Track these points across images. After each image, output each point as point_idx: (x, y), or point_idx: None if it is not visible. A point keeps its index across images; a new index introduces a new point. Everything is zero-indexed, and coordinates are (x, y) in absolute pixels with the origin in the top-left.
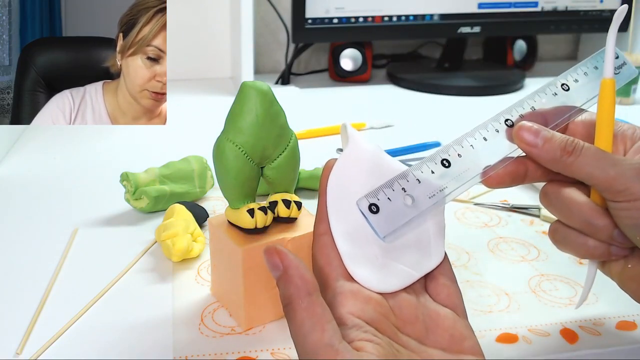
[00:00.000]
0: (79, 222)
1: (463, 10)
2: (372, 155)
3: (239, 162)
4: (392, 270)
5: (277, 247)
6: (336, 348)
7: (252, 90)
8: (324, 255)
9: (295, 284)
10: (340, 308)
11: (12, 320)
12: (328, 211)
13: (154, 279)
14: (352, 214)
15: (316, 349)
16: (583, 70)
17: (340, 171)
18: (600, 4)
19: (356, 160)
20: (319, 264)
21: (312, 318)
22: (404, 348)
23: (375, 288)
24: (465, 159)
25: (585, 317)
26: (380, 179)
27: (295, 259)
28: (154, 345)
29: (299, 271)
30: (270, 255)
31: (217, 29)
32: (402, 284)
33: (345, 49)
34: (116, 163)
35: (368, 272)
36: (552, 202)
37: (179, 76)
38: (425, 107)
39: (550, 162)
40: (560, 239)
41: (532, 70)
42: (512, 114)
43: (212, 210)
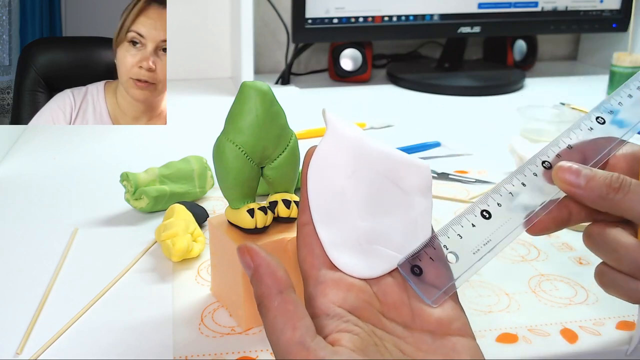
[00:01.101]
0: (79, 222)
1: (463, 10)
2: (354, 141)
3: (239, 162)
4: (376, 254)
5: (249, 246)
6: (307, 346)
7: (252, 90)
8: (306, 245)
9: (265, 282)
10: (321, 298)
11: (12, 320)
12: (309, 200)
13: (154, 279)
14: (332, 202)
15: (288, 347)
16: (627, 92)
17: (320, 159)
18: (600, 4)
19: (336, 146)
20: (302, 255)
21: (283, 316)
22: (389, 334)
23: (358, 274)
24: (505, 208)
25: (585, 317)
26: (364, 164)
27: (267, 256)
28: (154, 345)
29: (270, 269)
30: (242, 254)
31: (217, 29)
32: (387, 269)
33: (345, 49)
34: (116, 163)
35: (351, 258)
36: (598, 245)
37: (179, 76)
38: (425, 107)
39: (595, 201)
40: (608, 283)
41: (532, 70)
42: (548, 154)
43: (212, 210)
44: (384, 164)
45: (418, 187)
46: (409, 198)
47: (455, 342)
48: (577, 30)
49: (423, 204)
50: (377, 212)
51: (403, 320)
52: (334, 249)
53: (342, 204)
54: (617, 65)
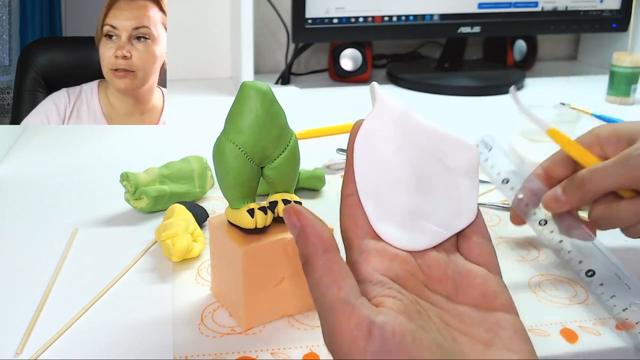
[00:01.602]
0: (79, 222)
1: (463, 10)
2: (402, 116)
3: (239, 162)
4: (421, 229)
5: (295, 206)
6: (353, 303)
7: (252, 90)
8: (350, 215)
9: (312, 242)
10: (365, 265)
11: (12, 320)
12: (355, 172)
13: (154, 279)
14: (378, 175)
15: (333, 305)
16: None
17: (368, 132)
18: (600, 4)
19: (384, 120)
20: (345, 224)
21: (329, 275)
22: (432, 305)
23: (402, 246)
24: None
25: (585, 317)
26: (411, 140)
27: (313, 217)
28: (154, 345)
29: (316, 229)
30: (289, 215)
31: (217, 29)
32: (431, 243)
33: (345, 49)
34: (116, 163)
35: (395, 230)
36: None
37: (179, 76)
38: (425, 107)
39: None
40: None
41: (532, 70)
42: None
43: (212, 210)
44: (431, 141)
45: (465, 167)
46: (455, 176)
47: (499, 317)
48: (577, 30)
49: (468, 184)
50: (423, 188)
51: (447, 293)
52: (378, 220)
53: (388, 177)
54: (617, 65)
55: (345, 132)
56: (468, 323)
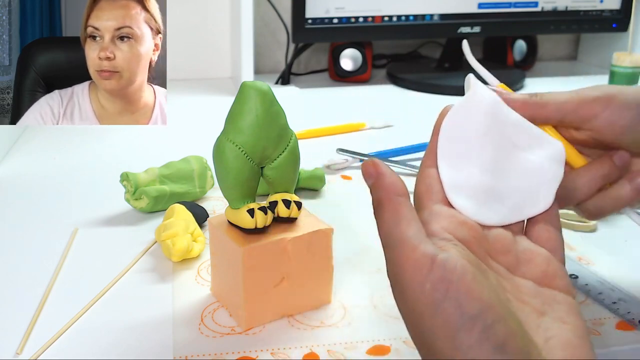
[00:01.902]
0: (79, 222)
1: (463, 10)
2: (492, 106)
3: (239, 162)
4: (492, 208)
5: (374, 159)
6: (419, 239)
7: (252, 90)
8: (425, 183)
9: (385, 188)
10: (434, 223)
11: (12, 320)
12: (438, 149)
13: (154, 279)
14: (459, 153)
15: (399, 240)
16: None
17: (457, 115)
18: (600, 4)
19: (474, 107)
20: (420, 190)
21: (397, 215)
22: (493, 271)
23: (471, 216)
24: None
25: (585, 317)
26: (497, 130)
27: (389, 170)
28: (154, 345)
29: (391, 178)
30: (366, 166)
31: (217, 29)
32: (499, 222)
33: (345, 49)
34: (116, 163)
35: (467, 202)
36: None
37: (179, 76)
38: (425, 107)
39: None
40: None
41: (532, 70)
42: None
43: (212, 210)
44: (517, 132)
45: (548, 160)
46: (536, 168)
47: (556, 294)
48: (577, 30)
49: (550, 174)
50: (500, 171)
51: (507, 265)
52: (453, 191)
53: (468, 157)
54: (617, 65)
55: (345, 132)
56: (525, 293)
